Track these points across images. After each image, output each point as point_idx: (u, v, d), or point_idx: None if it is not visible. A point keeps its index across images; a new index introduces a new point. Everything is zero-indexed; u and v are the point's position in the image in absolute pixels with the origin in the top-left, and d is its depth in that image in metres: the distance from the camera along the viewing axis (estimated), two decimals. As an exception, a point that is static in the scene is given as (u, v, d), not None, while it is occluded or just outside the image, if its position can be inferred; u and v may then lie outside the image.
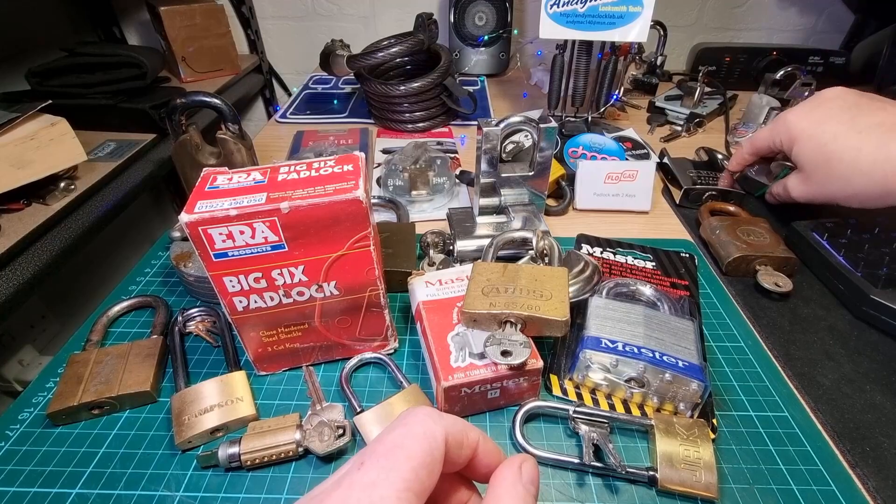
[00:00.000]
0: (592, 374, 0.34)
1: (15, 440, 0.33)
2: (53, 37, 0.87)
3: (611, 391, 0.35)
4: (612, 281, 0.42)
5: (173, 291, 0.46)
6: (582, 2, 0.60)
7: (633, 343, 0.34)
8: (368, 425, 0.32)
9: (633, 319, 0.36)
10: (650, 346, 0.33)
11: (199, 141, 0.51)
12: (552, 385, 0.36)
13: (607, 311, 0.37)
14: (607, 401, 0.35)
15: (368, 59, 0.71)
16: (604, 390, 0.35)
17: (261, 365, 0.37)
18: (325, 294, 0.33)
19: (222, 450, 0.31)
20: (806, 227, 0.49)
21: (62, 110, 0.56)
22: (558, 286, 0.35)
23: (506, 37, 0.98)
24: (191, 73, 0.93)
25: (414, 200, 0.56)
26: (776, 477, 0.31)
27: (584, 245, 0.50)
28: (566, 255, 0.43)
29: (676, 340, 0.34)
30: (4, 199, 0.54)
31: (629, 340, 0.34)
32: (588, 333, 0.35)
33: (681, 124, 0.77)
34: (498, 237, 0.43)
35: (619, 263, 0.47)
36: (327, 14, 1.07)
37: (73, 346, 0.40)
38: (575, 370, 0.35)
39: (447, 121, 0.79)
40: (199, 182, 0.31)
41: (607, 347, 0.33)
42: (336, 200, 0.29)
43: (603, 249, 0.49)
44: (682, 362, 0.32)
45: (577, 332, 0.38)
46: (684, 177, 0.59)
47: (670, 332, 0.35)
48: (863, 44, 0.91)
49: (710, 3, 1.01)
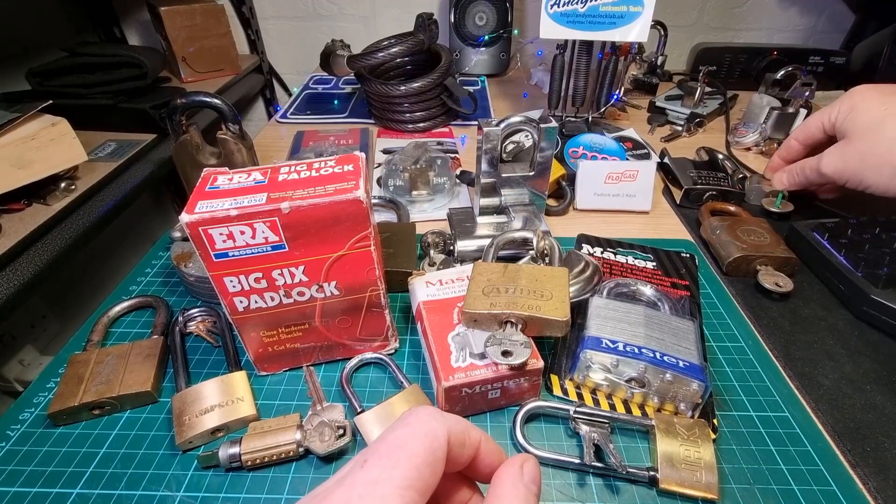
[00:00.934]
0: (593, 374, 0.34)
1: (16, 440, 0.33)
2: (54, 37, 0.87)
3: (611, 391, 0.35)
4: (613, 281, 0.42)
5: (174, 292, 0.46)
6: (582, 2, 0.60)
7: (634, 343, 0.34)
8: (369, 425, 0.32)
9: (634, 319, 0.36)
10: (651, 346, 0.33)
11: (199, 141, 0.51)
12: (553, 385, 0.36)
13: (608, 312, 0.37)
14: (608, 401, 0.35)
15: (369, 59, 0.71)
16: (604, 390, 0.35)
17: (261, 365, 0.37)
18: (325, 294, 0.33)
19: (223, 450, 0.31)
20: (806, 227, 0.49)
21: (63, 110, 0.56)
22: (559, 286, 0.35)
23: (506, 37, 0.98)
24: (191, 73, 0.93)
25: (414, 200, 0.56)
26: (777, 477, 0.31)
27: (584, 245, 0.50)
28: (567, 255, 0.43)
29: (677, 341, 0.34)
30: (5, 200, 0.54)
31: (630, 340, 0.34)
32: (588, 334, 0.35)
33: (681, 124, 0.77)
34: (499, 237, 0.43)
35: (619, 263, 0.47)
36: (328, 14, 1.07)
37: (73, 347, 0.40)
38: (576, 370, 0.35)
39: (447, 121, 0.79)
40: (199, 182, 0.31)
41: (608, 348, 0.33)
42: (336, 200, 0.29)
43: (603, 249, 0.49)
44: (682, 362, 0.32)
45: (577, 333, 0.38)
46: (685, 177, 0.59)
47: (671, 333, 0.35)
48: (863, 44, 0.91)
49: (711, 3, 1.01)
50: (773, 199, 0.55)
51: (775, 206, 0.55)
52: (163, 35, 0.89)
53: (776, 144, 0.69)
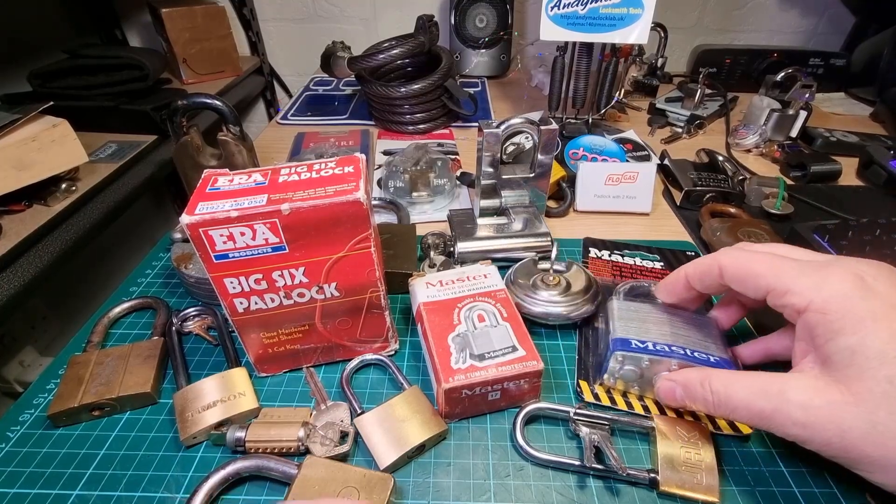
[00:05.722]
0: (623, 376, 0.34)
1: (15, 442, 0.33)
2: (55, 39, 0.88)
3: (642, 392, 0.35)
4: (627, 283, 0.41)
5: (174, 293, 0.46)
6: (582, 4, 0.60)
7: (663, 342, 0.33)
8: (369, 427, 0.32)
9: (657, 319, 0.36)
10: (679, 343, 0.33)
11: (200, 142, 0.51)
12: (583, 391, 0.36)
13: (630, 313, 0.36)
14: (640, 403, 0.35)
15: (369, 60, 0.71)
16: (635, 392, 0.35)
17: (261, 366, 0.37)
18: (325, 295, 0.33)
19: (231, 432, 0.31)
20: (807, 229, 0.49)
21: (64, 112, 0.56)
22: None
23: (506, 39, 0.98)
24: (192, 75, 0.93)
25: (415, 202, 0.56)
26: (777, 479, 0.31)
27: (591, 248, 0.50)
28: (573, 269, 0.43)
29: (702, 337, 0.34)
30: (6, 201, 0.54)
31: (658, 339, 0.33)
32: (616, 335, 0.34)
33: (681, 126, 0.77)
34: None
35: (628, 266, 0.47)
36: (328, 16, 1.07)
37: (73, 348, 0.40)
38: (605, 373, 0.35)
39: (448, 122, 0.79)
40: (199, 183, 0.31)
41: (637, 347, 0.33)
42: (337, 202, 0.29)
43: (611, 252, 0.49)
44: (713, 357, 0.32)
45: (603, 337, 0.38)
46: (685, 178, 0.59)
47: (695, 329, 0.35)
48: (863, 46, 0.91)
49: (711, 5, 1.01)
50: (773, 200, 0.55)
51: (775, 208, 0.55)
52: (164, 37, 0.90)
53: (776, 146, 0.69)
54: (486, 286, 0.38)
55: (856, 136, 0.71)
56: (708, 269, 0.32)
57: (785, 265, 0.28)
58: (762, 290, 0.29)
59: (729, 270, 0.30)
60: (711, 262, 0.31)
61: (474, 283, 0.38)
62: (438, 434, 0.32)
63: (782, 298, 0.28)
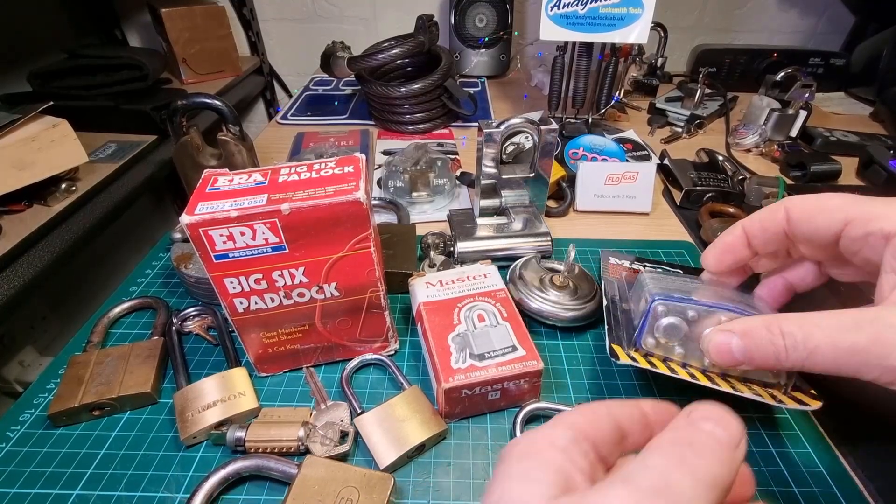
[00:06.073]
0: (666, 331, 0.30)
1: (15, 441, 0.33)
2: (55, 39, 0.88)
3: (686, 358, 0.30)
4: (658, 267, 0.39)
5: (174, 293, 0.46)
6: (582, 3, 0.60)
7: (705, 300, 0.29)
8: (369, 427, 0.32)
9: (692, 287, 0.32)
10: (723, 303, 0.29)
11: (199, 142, 0.51)
12: (619, 355, 0.32)
13: (663, 282, 0.32)
14: (685, 369, 0.30)
15: (369, 60, 0.71)
16: (677, 358, 0.31)
17: (261, 366, 0.37)
18: (325, 295, 0.33)
19: (231, 432, 0.31)
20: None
21: (63, 112, 0.56)
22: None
23: (506, 38, 0.98)
24: (192, 75, 0.93)
25: (414, 202, 0.56)
26: (777, 479, 0.31)
27: (611, 258, 0.45)
28: (578, 272, 0.43)
29: (744, 300, 0.31)
30: (6, 201, 0.54)
31: (699, 298, 0.30)
32: (653, 291, 0.30)
33: (681, 126, 0.77)
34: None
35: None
36: (328, 16, 1.07)
37: (73, 348, 0.40)
38: (644, 332, 0.30)
39: (448, 122, 0.79)
40: (199, 183, 0.31)
41: (681, 298, 0.29)
42: (337, 202, 0.29)
43: (631, 262, 0.45)
44: (768, 310, 0.29)
45: (636, 316, 0.33)
46: (685, 178, 0.59)
47: (736, 295, 0.32)
48: (863, 45, 0.91)
49: (711, 5, 1.01)
50: (773, 200, 0.55)
51: None
52: (163, 37, 0.90)
53: (776, 146, 0.69)
54: (486, 286, 0.38)
55: (856, 136, 0.72)
56: (771, 214, 0.29)
57: (861, 198, 0.26)
58: (837, 223, 0.26)
59: (797, 210, 0.28)
60: (776, 207, 0.29)
61: (474, 283, 0.38)
62: (438, 434, 0.32)
63: (867, 225, 0.25)
